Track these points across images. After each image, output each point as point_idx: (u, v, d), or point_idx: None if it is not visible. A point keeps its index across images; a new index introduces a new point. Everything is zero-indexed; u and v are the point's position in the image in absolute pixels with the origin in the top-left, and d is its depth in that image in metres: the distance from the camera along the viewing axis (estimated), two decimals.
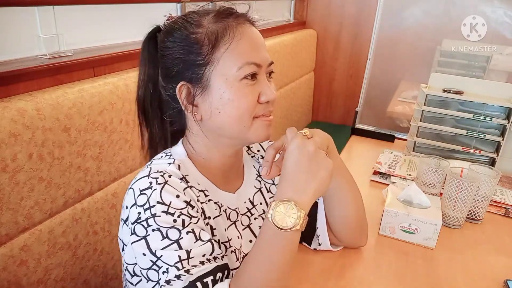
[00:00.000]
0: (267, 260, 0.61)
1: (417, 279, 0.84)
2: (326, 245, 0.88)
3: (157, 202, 0.61)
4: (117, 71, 1.18)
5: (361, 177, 1.27)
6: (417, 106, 1.40)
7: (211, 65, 0.65)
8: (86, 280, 1.06)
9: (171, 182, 0.63)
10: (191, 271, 0.59)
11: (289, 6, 2.75)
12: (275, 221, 0.60)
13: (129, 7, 1.31)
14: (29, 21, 1.03)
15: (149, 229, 0.61)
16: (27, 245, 0.87)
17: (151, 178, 0.63)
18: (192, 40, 0.66)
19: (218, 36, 0.65)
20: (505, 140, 1.28)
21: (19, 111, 0.84)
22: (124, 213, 0.65)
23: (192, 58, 0.66)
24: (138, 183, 0.64)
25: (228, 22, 0.66)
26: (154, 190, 0.62)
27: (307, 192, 0.63)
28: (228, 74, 0.65)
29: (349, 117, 2.37)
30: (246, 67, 0.65)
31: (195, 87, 0.67)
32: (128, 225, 0.64)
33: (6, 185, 0.82)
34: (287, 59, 2.32)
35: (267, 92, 0.68)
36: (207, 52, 0.65)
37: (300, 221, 0.60)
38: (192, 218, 0.63)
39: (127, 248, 0.66)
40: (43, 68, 0.97)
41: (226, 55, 0.65)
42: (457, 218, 1.02)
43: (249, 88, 0.66)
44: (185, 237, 0.61)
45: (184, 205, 0.63)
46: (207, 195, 0.71)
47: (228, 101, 0.65)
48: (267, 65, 0.69)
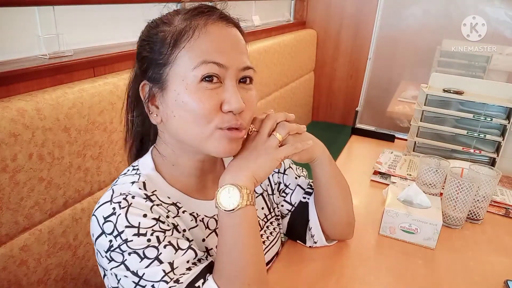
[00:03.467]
0: (232, 243, 0.63)
1: (417, 279, 0.84)
2: (322, 242, 0.89)
3: (126, 227, 0.58)
4: (117, 71, 1.18)
5: (361, 177, 1.27)
6: (417, 106, 1.40)
7: (170, 65, 0.61)
8: (86, 280, 1.06)
9: (135, 204, 0.61)
10: (180, 280, 0.59)
11: (289, 6, 2.75)
12: (222, 206, 0.62)
13: (129, 7, 1.31)
14: (29, 21, 1.03)
15: (125, 254, 0.59)
16: (27, 245, 0.87)
17: (113, 203, 0.60)
18: (157, 38, 0.63)
19: (178, 35, 0.61)
20: (505, 140, 1.28)
21: (19, 111, 0.84)
22: (95, 243, 0.62)
23: (155, 57, 0.63)
24: (100, 210, 0.61)
25: (196, 21, 0.62)
26: (119, 215, 0.59)
27: (244, 174, 0.64)
28: (185, 74, 0.60)
29: (349, 117, 2.37)
30: (202, 66, 0.59)
31: (155, 87, 0.63)
32: (101, 253, 0.61)
33: (6, 185, 0.82)
34: (287, 59, 2.32)
35: (232, 100, 0.60)
36: (167, 52, 0.61)
37: (244, 197, 0.62)
38: (166, 231, 0.61)
39: (108, 273, 0.63)
40: (43, 68, 0.97)
41: (183, 54, 0.60)
42: (457, 218, 1.02)
43: (207, 92, 0.60)
44: (164, 251, 0.59)
45: (154, 222, 0.61)
46: (180, 207, 0.68)
47: (182, 104, 0.60)
48: (238, 69, 0.62)
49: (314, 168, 0.80)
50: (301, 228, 0.89)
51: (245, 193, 0.62)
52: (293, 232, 0.90)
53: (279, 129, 0.69)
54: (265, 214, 0.85)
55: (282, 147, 0.68)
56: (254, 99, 0.66)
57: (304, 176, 0.90)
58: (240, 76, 0.64)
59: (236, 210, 0.62)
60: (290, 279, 0.82)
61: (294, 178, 0.89)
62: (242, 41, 0.66)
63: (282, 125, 0.70)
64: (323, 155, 0.79)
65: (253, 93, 0.66)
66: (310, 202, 0.87)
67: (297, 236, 0.91)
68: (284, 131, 0.69)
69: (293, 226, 0.89)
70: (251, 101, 0.65)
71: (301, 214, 0.87)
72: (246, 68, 0.64)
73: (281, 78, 2.28)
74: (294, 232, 0.90)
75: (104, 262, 0.61)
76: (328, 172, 0.80)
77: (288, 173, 0.89)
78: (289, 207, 0.88)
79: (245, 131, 0.66)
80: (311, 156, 0.77)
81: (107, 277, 0.64)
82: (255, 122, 0.70)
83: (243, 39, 0.67)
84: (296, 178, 0.89)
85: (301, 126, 0.73)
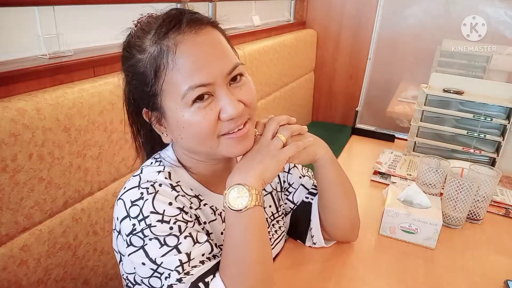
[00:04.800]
0: (239, 242, 0.63)
1: (417, 279, 0.84)
2: (321, 244, 0.89)
3: (151, 212, 0.60)
4: (117, 71, 1.18)
5: (361, 177, 1.27)
6: (418, 106, 1.40)
7: (160, 96, 0.62)
8: (86, 280, 1.06)
9: (162, 192, 0.63)
10: (191, 272, 0.60)
11: (289, 6, 2.75)
12: (231, 206, 0.63)
13: (129, 7, 1.31)
14: (29, 21, 1.03)
15: (146, 239, 0.60)
16: (27, 245, 0.87)
17: (142, 188, 0.62)
18: (137, 70, 0.63)
19: (155, 67, 0.60)
20: (505, 140, 1.28)
21: (19, 111, 0.83)
22: (117, 225, 0.64)
23: (144, 89, 0.63)
24: (128, 194, 0.63)
25: (166, 42, 0.59)
26: (146, 200, 0.61)
27: (252, 174, 0.64)
28: (175, 103, 0.61)
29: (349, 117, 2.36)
30: (190, 93, 0.59)
31: (156, 113, 0.65)
32: (123, 237, 0.63)
33: (6, 185, 0.82)
34: (287, 59, 2.32)
35: (227, 108, 0.61)
36: (152, 83, 0.62)
37: (253, 197, 0.62)
38: (188, 222, 0.63)
39: (124, 258, 0.65)
40: (43, 68, 0.97)
41: (166, 87, 0.61)
42: (457, 218, 1.02)
43: (203, 111, 0.60)
44: (184, 242, 0.61)
45: (178, 211, 0.63)
46: (202, 200, 0.71)
47: (184, 129, 0.62)
48: (224, 75, 0.61)
49: (317, 168, 0.80)
50: (302, 227, 0.89)
51: (254, 193, 0.63)
52: (294, 230, 0.91)
53: (282, 131, 0.71)
54: (273, 212, 0.86)
55: (285, 148, 0.69)
56: (250, 92, 0.66)
57: (309, 176, 0.90)
58: (229, 79, 0.63)
59: (244, 210, 0.62)
60: (290, 278, 0.82)
61: (298, 177, 0.89)
62: (219, 40, 0.63)
63: (284, 127, 0.71)
64: (325, 155, 0.78)
65: (247, 85, 0.65)
66: (314, 203, 0.87)
67: (298, 235, 0.91)
68: (287, 132, 0.70)
69: (294, 225, 0.90)
70: (248, 95, 0.65)
71: (303, 213, 0.88)
72: (232, 69, 0.62)
73: (281, 78, 2.28)
74: (295, 231, 0.91)
75: (123, 246, 0.63)
76: (331, 173, 0.80)
77: (292, 172, 0.89)
78: (291, 205, 0.89)
79: (250, 124, 0.66)
80: (312, 157, 0.77)
81: (122, 263, 0.67)
82: (258, 126, 0.71)
83: (222, 36, 0.64)
84: (300, 177, 0.89)
85: (302, 127, 0.74)
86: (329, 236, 0.88)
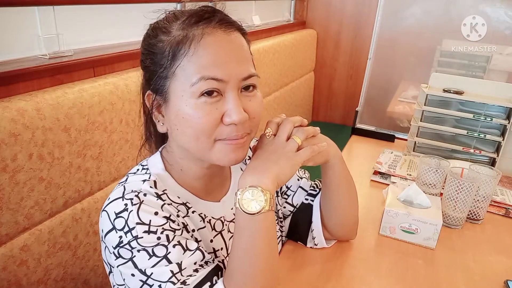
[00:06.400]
0: (249, 248, 0.61)
1: (417, 279, 0.84)
2: (322, 244, 0.89)
3: (137, 223, 0.59)
4: (117, 71, 1.18)
5: (361, 177, 1.27)
6: (418, 106, 1.40)
7: (170, 79, 0.61)
8: (86, 280, 1.06)
9: (147, 201, 0.61)
10: (187, 282, 0.59)
11: (289, 6, 2.75)
12: (244, 208, 0.60)
13: (129, 7, 1.31)
14: (29, 21, 1.03)
15: (134, 251, 0.59)
16: (27, 245, 0.87)
17: (126, 199, 0.60)
18: (156, 49, 0.62)
19: (175, 50, 0.60)
20: (505, 140, 1.28)
21: (19, 111, 0.84)
22: (103, 237, 0.62)
23: (156, 69, 0.62)
24: (112, 206, 0.61)
25: (193, 31, 0.59)
26: (131, 211, 0.59)
27: (267, 176, 0.62)
28: (184, 90, 0.59)
29: (349, 117, 2.37)
30: (201, 83, 0.58)
31: (159, 97, 0.63)
32: (109, 249, 0.61)
33: (6, 185, 0.82)
34: (287, 59, 2.32)
35: (232, 113, 0.59)
36: (167, 64, 0.60)
37: (268, 202, 0.60)
38: (176, 231, 0.61)
39: (114, 270, 0.63)
40: (43, 68, 0.97)
41: (181, 69, 0.59)
42: (457, 218, 1.02)
43: (208, 107, 0.59)
44: (173, 251, 0.59)
45: (165, 220, 0.61)
46: (190, 207, 0.69)
47: (183, 119, 0.60)
48: (239, 79, 0.61)
49: (326, 169, 0.79)
50: (303, 229, 0.89)
51: (269, 197, 0.61)
52: (294, 233, 0.90)
53: (297, 132, 0.69)
54: None
55: (300, 151, 0.68)
56: (258, 106, 0.65)
57: (306, 178, 0.90)
58: (242, 85, 0.62)
59: (258, 214, 0.60)
60: (290, 279, 0.82)
61: (296, 180, 0.89)
62: (244, 47, 0.63)
63: (300, 129, 0.70)
64: (336, 156, 0.78)
65: (257, 99, 0.65)
66: (315, 204, 0.87)
67: (298, 237, 0.91)
68: (303, 135, 0.69)
69: (294, 227, 0.89)
70: (255, 109, 0.63)
71: (303, 215, 0.87)
72: (248, 77, 0.62)
73: (281, 78, 2.29)
74: (296, 233, 0.90)
75: (111, 259, 0.61)
76: (339, 173, 0.80)
77: None
78: (291, 208, 0.88)
79: (248, 137, 0.65)
80: (325, 158, 0.76)
81: (112, 274, 0.65)
82: (271, 125, 0.70)
83: (246, 44, 0.65)
84: (298, 180, 0.89)
85: (316, 128, 0.73)
86: (330, 235, 0.88)
